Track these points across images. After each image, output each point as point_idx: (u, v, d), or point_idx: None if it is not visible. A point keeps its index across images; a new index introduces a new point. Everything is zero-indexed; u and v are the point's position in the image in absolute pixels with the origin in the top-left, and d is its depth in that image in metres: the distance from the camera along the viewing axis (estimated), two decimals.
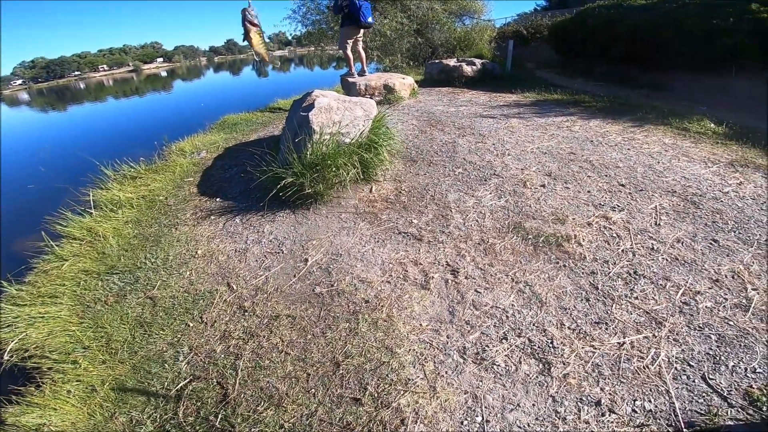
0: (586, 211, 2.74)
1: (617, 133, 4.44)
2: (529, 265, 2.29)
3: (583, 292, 2.08)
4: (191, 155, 4.79)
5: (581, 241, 2.44)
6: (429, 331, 1.94)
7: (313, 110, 3.28)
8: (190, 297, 2.35)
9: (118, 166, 4.33)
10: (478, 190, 3.10)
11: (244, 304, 2.23)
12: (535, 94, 6.66)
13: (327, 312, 2.11)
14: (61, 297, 2.46)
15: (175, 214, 3.33)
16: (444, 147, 4.10)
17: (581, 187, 3.07)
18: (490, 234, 2.57)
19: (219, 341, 2.02)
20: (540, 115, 5.22)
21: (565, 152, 3.75)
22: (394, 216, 2.88)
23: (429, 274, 2.27)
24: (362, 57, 6.38)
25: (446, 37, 10.71)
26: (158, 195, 3.72)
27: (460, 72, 7.88)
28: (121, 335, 2.14)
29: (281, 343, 1.96)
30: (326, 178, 3.01)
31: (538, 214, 2.72)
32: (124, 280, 2.57)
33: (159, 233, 3.06)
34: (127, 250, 2.89)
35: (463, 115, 5.39)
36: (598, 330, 1.85)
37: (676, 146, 3.99)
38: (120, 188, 3.89)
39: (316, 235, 2.76)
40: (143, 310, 2.30)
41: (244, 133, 5.81)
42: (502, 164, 3.52)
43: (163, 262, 2.70)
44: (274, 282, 2.36)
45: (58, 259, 2.83)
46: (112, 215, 3.38)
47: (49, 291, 2.49)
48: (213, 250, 2.74)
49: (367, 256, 2.48)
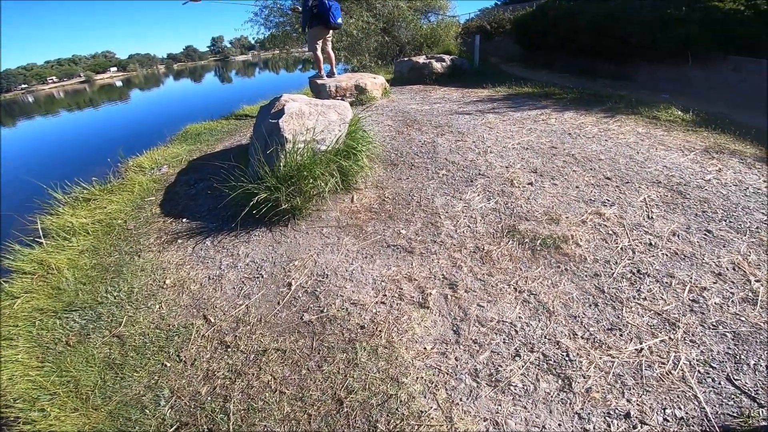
0: (578, 208, 2.66)
1: (592, 124, 4.44)
2: (530, 271, 2.17)
3: (590, 297, 1.98)
4: (151, 171, 4.41)
5: (579, 241, 2.33)
6: (435, 354, 1.77)
7: (283, 117, 3.03)
8: (162, 333, 2.07)
9: (69, 187, 3.91)
10: (465, 193, 2.95)
11: (225, 339, 1.98)
12: (506, 88, 6.64)
13: (320, 342, 1.89)
14: (15, 339, 2.14)
15: (137, 239, 3.00)
16: (424, 147, 3.95)
17: (569, 182, 2.98)
18: (485, 240, 2.42)
19: (203, 382, 1.79)
20: (514, 110, 5.18)
21: (546, 147, 3.67)
22: (380, 227, 2.69)
23: (426, 291, 2.10)
24: (331, 58, 6.15)
25: (413, 34, 10.64)
26: (116, 218, 3.36)
27: (431, 69, 7.79)
28: (90, 379, 1.87)
29: (274, 381, 1.74)
30: (303, 190, 2.77)
31: (530, 215, 2.60)
32: (85, 317, 2.26)
33: (120, 262, 2.73)
34: (85, 283, 2.56)
35: (439, 113, 5.27)
36: (612, 337, 1.76)
37: (651, 135, 4.01)
38: (72, 213, 3.50)
39: (298, 254, 2.52)
40: (111, 350, 2.02)
41: (209, 143, 5.44)
42: (485, 163, 3.40)
43: (127, 295, 2.39)
44: (257, 311, 2.12)
45: (8, 296, 2.48)
46: (65, 244, 3.01)
47: (1, 333, 2.16)
48: (183, 279, 2.46)
49: (356, 275, 2.28)
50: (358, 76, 6.43)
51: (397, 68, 8.40)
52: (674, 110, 4.67)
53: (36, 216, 3.36)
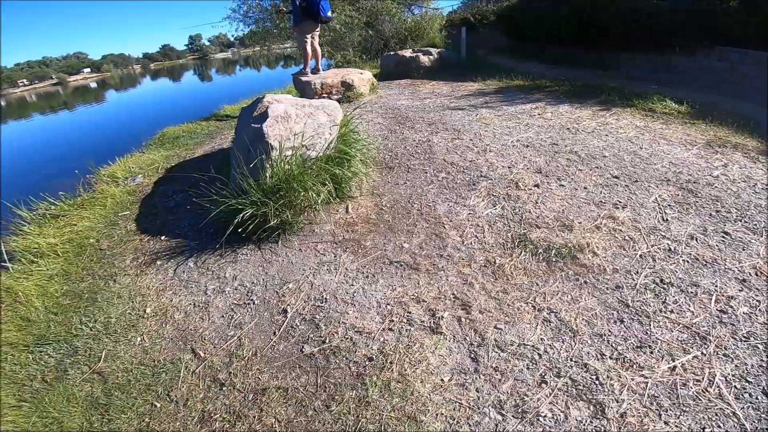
0: (590, 212, 2.50)
1: (589, 117, 4.31)
2: (547, 286, 2.00)
3: (614, 312, 1.83)
4: (125, 182, 4.09)
5: (596, 250, 2.18)
6: (454, 386, 1.59)
7: (267, 121, 2.78)
8: (147, 370, 1.84)
9: (35, 203, 3.58)
10: (468, 198, 2.77)
11: (218, 376, 1.76)
12: (496, 81, 6.49)
13: (325, 378, 1.69)
14: None
15: (112, 261, 2.72)
16: (419, 147, 3.75)
17: (576, 183, 2.83)
18: (495, 252, 2.24)
19: (199, 425, 1.58)
20: (508, 104, 5.02)
21: (546, 144, 3.52)
22: (380, 241, 2.48)
23: (437, 313, 1.91)
24: (317, 54, 5.88)
25: (397, 28, 10.42)
26: (88, 237, 3.07)
27: (418, 63, 7.58)
28: (75, 421, 1.65)
29: (278, 424, 1.53)
30: (294, 203, 2.54)
31: (541, 221, 2.43)
32: (61, 351, 2.01)
33: (94, 288, 2.46)
34: (56, 313, 2.29)
35: (431, 109, 5.08)
36: (643, 355, 1.62)
37: (650, 128, 3.91)
38: (39, 232, 3.18)
39: (292, 275, 2.30)
40: (93, 389, 1.78)
41: (188, 148, 5.13)
42: (486, 163, 3.22)
43: (104, 326, 2.14)
44: (251, 344, 1.90)
45: None
46: (32, 268, 2.71)
47: None
48: (165, 307, 2.21)
49: (359, 297, 2.07)
50: (344, 72, 6.18)
51: (384, 62, 8.16)
52: (668, 102, 4.58)
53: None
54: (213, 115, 6.83)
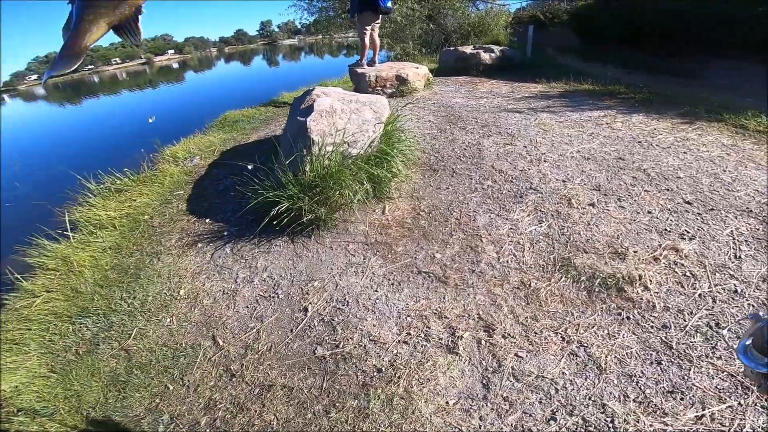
0: (650, 241, 2.21)
1: (667, 131, 3.84)
2: (583, 317, 1.80)
3: (653, 352, 1.61)
4: (184, 162, 4.34)
5: (648, 284, 1.92)
6: (457, 411, 1.49)
7: (312, 115, 2.77)
8: (169, 352, 1.92)
9: (103, 177, 3.91)
10: (513, 211, 2.58)
11: (231, 367, 1.79)
12: (562, 83, 6.02)
13: (331, 383, 1.66)
14: (28, 344, 2.08)
15: (159, 239, 2.89)
16: (468, 151, 3.57)
17: (639, 205, 2.52)
18: (532, 274, 2.06)
19: (203, 411, 1.62)
20: (572, 109, 4.62)
21: (611, 157, 3.18)
22: (412, 247, 2.38)
23: (457, 332, 1.79)
24: (376, 45, 5.83)
25: (460, 22, 10.03)
26: (143, 213, 3.29)
27: (478, 60, 7.25)
28: (93, 396, 1.76)
29: (276, 422, 1.54)
30: (329, 200, 2.52)
31: (590, 246, 2.20)
32: (98, 325, 2.16)
33: (139, 264, 2.63)
34: (102, 286, 2.48)
35: (486, 110, 4.83)
36: (671, 401, 1.42)
37: (738, 148, 3.39)
38: (103, 204, 3.47)
39: (319, 273, 2.29)
40: (117, 365, 1.90)
41: (245, 132, 5.35)
42: (538, 174, 2.98)
43: (141, 303, 2.27)
44: (268, 338, 1.91)
45: (29, 295, 2.44)
46: (91, 239, 2.96)
47: (15, 337, 2.12)
48: (197, 290, 2.30)
49: (380, 305, 2.00)
50: (399, 66, 6.07)
51: (443, 58, 7.92)
52: (764, 119, 3.95)
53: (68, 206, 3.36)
54: (272, 102, 7.05)
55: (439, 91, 6.08)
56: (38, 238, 2.89)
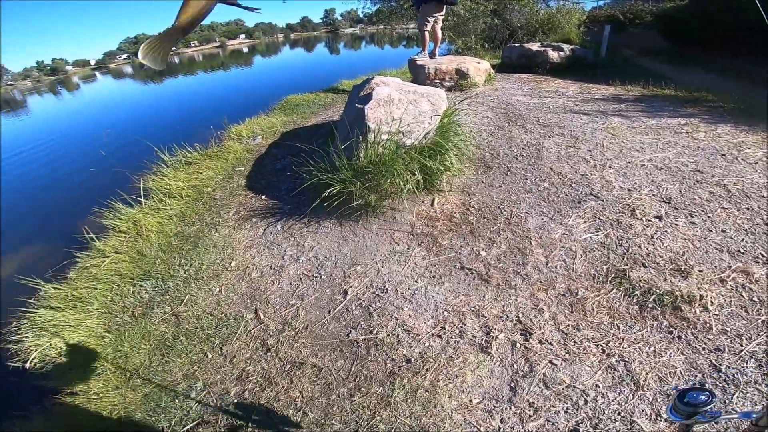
0: (718, 261, 1.99)
1: (756, 145, 3.41)
2: (630, 332, 1.68)
3: (698, 374, 1.48)
4: (247, 141, 4.59)
5: (708, 305, 1.74)
6: (480, 410, 1.46)
7: (370, 103, 2.80)
8: (214, 321, 2.07)
9: (176, 150, 4.25)
10: (568, 216, 2.44)
11: (268, 341, 1.89)
12: (639, 87, 5.54)
13: (359, 368, 1.69)
14: (91, 302, 2.32)
15: (219, 211, 3.10)
16: (525, 150, 3.43)
17: (713, 223, 2.28)
18: (581, 282, 1.95)
19: (235, 382, 1.73)
20: (649, 115, 4.25)
21: (688, 169, 2.89)
22: (457, 242, 2.35)
23: (492, 332, 1.75)
24: (437, 38, 5.73)
25: (527, 19, 9.53)
26: (207, 185, 3.54)
27: (545, 58, 6.87)
28: (139, 358, 1.94)
29: (300, 399, 1.60)
30: (380, 187, 2.54)
31: (650, 260, 2.03)
32: (155, 288, 2.37)
33: (199, 234, 2.84)
34: (164, 251, 2.71)
35: (549, 109, 4.58)
36: (705, 424, 1.27)
37: None
38: (174, 175, 3.78)
39: (362, 258, 2.32)
40: (166, 330, 2.07)
41: (304, 116, 5.53)
42: (601, 180, 2.79)
43: (196, 271, 2.46)
44: (305, 317, 1.99)
45: (100, 254, 2.73)
46: (160, 206, 3.25)
47: (81, 294, 2.37)
48: (247, 263, 2.44)
49: (419, 296, 2.00)
50: (460, 60, 5.92)
51: (506, 54, 7.60)
52: None
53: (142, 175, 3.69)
54: (331, 88, 7.22)
55: (500, 87, 5.86)
56: (115, 202, 3.22)
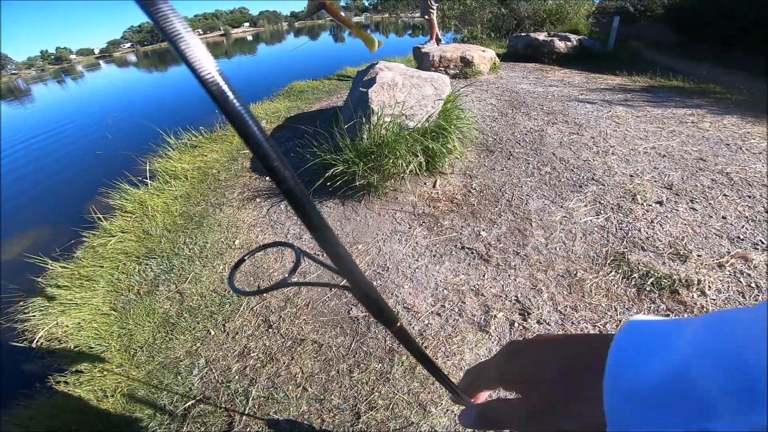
0: (718, 246, 2.01)
1: (761, 136, 3.39)
2: (627, 314, 1.70)
3: None
4: None
5: (706, 289, 1.77)
6: None
7: (374, 86, 2.81)
8: (217, 298, 2.11)
9: (181, 134, 4.28)
10: (569, 200, 2.46)
11: (270, 318, 1.93)
12: (647, 78, 5.49)
13: (359, 345, 1.73)
14: (98, 281, 2.36)
15: (223, 191, 3.13)
16: (528, 136, 3.43)
17: (713, 210, 2.29)
18: (580, 264, 1.97)
19: (237, 358, 1.77)
20: (654, 105, 4.23)
21: (691, 157, 2.89)
22: (458, 223, 2.37)
23: (491, 312, 1.78)
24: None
25: (534, 9, 9.40)
26: (212, 167, 3.57)
27: (551, 48, 6.81)
28: (144, 335, 1.98)
29: (301, 375, 1.64)
30: (382, 168, 2.57)
31: (649, 244, 2.05)
32: (161, 267, 2.42)
33: (204, 213, 2.88)
34: (170, 230, 2.75)
35: (554, 98, 4.56)
36: None
37: None
38: (179, 157, 3.82)
39: (364, 237, 2.36)
40: (170, 307, 2.11)
41: (309, 101, 5.54)
42: (603, 166, 2.80)
43: (200, 249, 2.50)
44: (307, 294, 2.03)
45: (107, 234, 2.78)
46: (165, 188, 3.29)
47: (88, 273, 2.42)
48: (251, 242, 2.48)
49: (419, 274, 2.04)
50: (465, 48, 5.90)
51: (512, 43, 7.53)
52: None
53: (147, 158, 3.73)
54: (336, 75, 7.21)
55: (504, 75, 5.84)
56: (121, 183, 3.26)
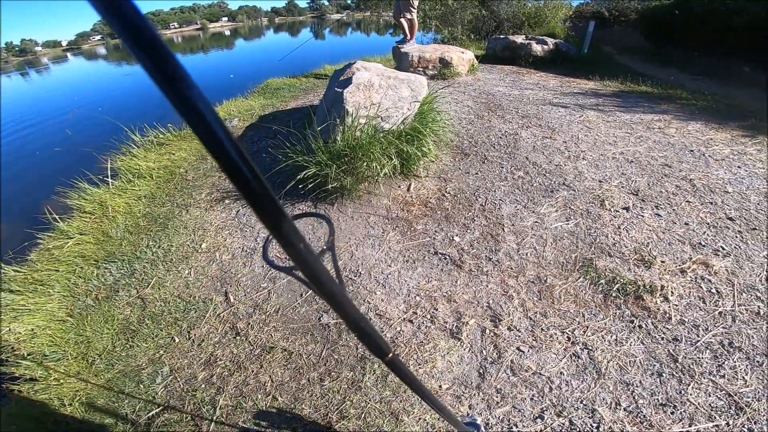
0: (680, 252, 2.07)
1: (724, 143, 3.54)
2: (594, 320, 1.73)
3: (656, 364, 1.54)
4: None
5: (669, 295, 1.81)
6: (449, 396, 1.49)
7: (349, 87, 2.75)
8: (182, 304, 2.01)
9: (148, 131, 4.09)
10: (541, 205, 2.48)
11: (237, 325, 1.85)
12: (617, 83, 5.66)
13: (330, 352, 1.68)
14: (53, 285, 2.21)
15: (191, 192, 3.01)
16: (503, 139, 3.45)
17: (677, 216, 2.36)
18: (550, 270, 1.99)
19: (203, 366, 1.69)
20: (624, 110, 4.35)
21: (657, 163, 2.98)
22: (432, 227, 2.35)
23: (463, 318, 1.77)
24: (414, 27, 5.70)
25: (514, 11, 9.55)
26: (180, 166, 3.42)
27: (528, 51, 6.92)
28: (102, 343, 1.87)
29: (270, 384, 1.58)
30: (356, 170, 2.52)
31: (615, 250, 2.09)
32: (121, 271, 2.29)
33: (169, 215, 2.75)
34: (132, 232, 2.61)
35: (529, 101, 4.63)
36: (661, 414, 1.38)
37: None
38: (144, 156, 3.64)
39: (336, 241, 2.31)
40: (131, 313, 2.00)
41: (284, 99, 5.41)
42: (574, 171, 2.84)
43: (164, 253, 2.38)
44: (277, 300, 1.96)
45: (63, 236, 2.61)
46: (128, 187, 3.12)
47: (42, 277, 2.26)
48: (218, 245, 2.38)
49: (392, 280, 2.00)
50: (444, 49, 5.91)
51: (490, 45, 7.62)
52: None
53: (109, 155, 3.54)
54: (313, 73, 7.08)
55: (482, 77, 5.88)
56: (80, 182, 3.07)
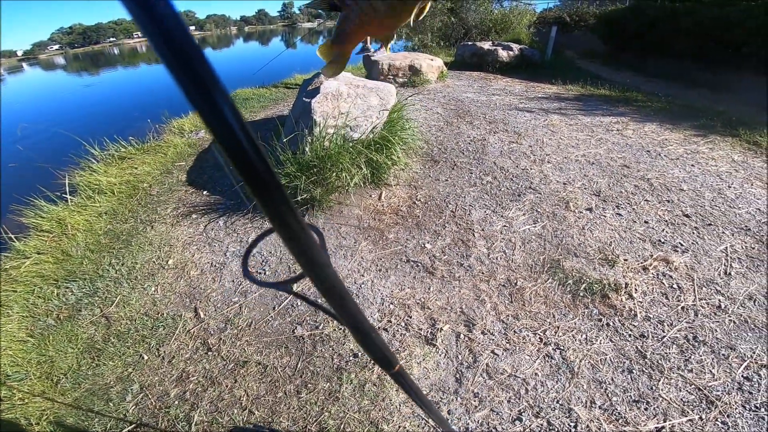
0: (642, 250, 2.17)
1: (678, 142, 3.75)
2: (564, 320, 1.78)
3: (626, 361, 1.60)
4: (189, 134, 4.35)
5: (633, 293, 1.89)
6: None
7: (317, 96, 2.75)
8: (149, 322, 1.93)
9: (108, 144, 3.93)
10: (509, 209, 2.54)
11: (209, 340, 1.80)
12: (578, 87, 5.91)
13: (306, 364, 1.66)
14: (11, 306, 2.08)
15: (155, 207, 2.91)
16: (472, 145, 3.53)
17: (637, 215, 2.48)
18: (520, 273, 2.04)
19: (175, 383, 1.63)
20: (585, 113, 4.54)
21: (616, 164, 3.12)
22: (403, 236, 2.37)
23: (437, 324, 1.78)
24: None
25: (481, 18, 9.83)
26: (143, 181, 3.31)
27: (495, 57, 7.13)
28: (66, 362, 1.77)
29: (246, 398, 1.54)
30: (326, 181, 2.51)
31: (581, 250, 2.16)
32: (83, 290, 2.18)
33: (132, 231, 2.65)
34: (93, 250, 2.49)
35: (496, 106, 4.76)
36: (635, 411, 1.42)
37: (747, 165, 3.30)
38: (105, 170, 3.49)
39: None
40: (95, 332, 1.91)
41: (253, 110, 5.34)
42: (540, 174, 2.94)
43: (128, 270, 2.29)
44: (249, 314, 1.92)
45: (20, 255, 2.46)
46: (88, 203, 2.99)
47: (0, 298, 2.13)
48: (186, 261, 2.31)
49: (365, 290, 2.00)
50: (414, 56, 6.00)
51: (459, 52, 7.80)
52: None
53: (67, 171, 3.38)
54: (283, 83, 7.03)
55: (451, 84, 6.01)
56: (36, 199, 2.92)
